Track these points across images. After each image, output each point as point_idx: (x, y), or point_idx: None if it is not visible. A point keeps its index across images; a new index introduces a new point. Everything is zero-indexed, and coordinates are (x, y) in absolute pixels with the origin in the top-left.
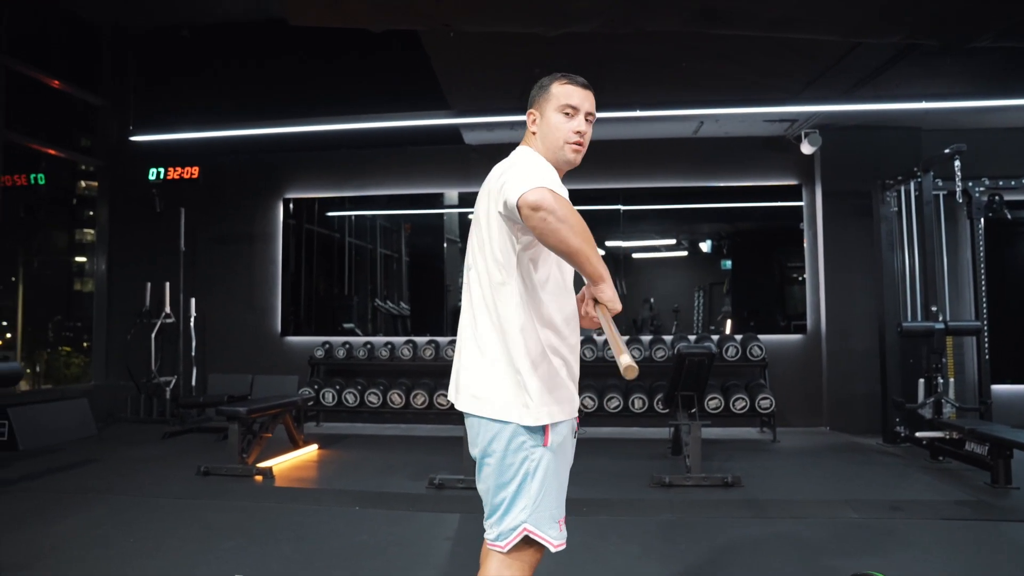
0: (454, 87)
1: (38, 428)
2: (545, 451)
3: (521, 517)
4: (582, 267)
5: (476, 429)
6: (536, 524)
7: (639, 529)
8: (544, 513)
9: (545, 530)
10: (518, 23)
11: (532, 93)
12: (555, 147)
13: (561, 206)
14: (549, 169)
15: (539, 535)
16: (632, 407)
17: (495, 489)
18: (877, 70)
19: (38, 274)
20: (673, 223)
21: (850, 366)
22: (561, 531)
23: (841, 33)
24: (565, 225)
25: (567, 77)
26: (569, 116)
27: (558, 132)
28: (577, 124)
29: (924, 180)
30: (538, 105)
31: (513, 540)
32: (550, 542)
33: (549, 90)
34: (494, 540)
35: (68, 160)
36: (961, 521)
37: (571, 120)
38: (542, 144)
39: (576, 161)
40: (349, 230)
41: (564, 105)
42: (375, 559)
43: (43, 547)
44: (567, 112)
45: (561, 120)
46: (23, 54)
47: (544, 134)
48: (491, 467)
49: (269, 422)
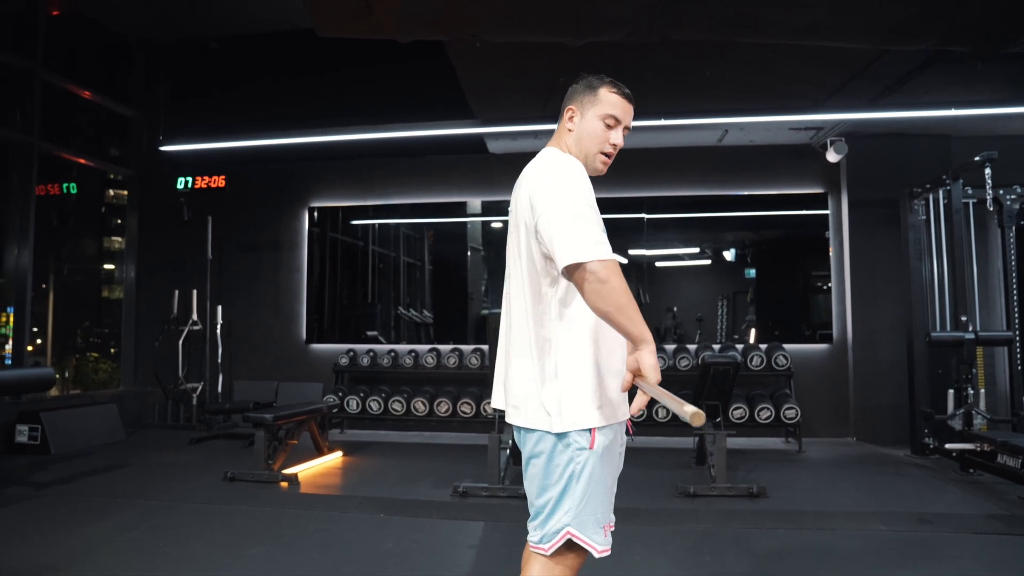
0: (478, 96)
1: (69, 433)
2: (591, 454)
3: (565, 520)
4: (622, 329)
5: (521, 432)
6: (580, 528)
7: (664, 539)
8: (589, 517)
9: (589, 535)
10: (544, 33)
11: (576, 89)
12: (588, 153)
13: (604, 268)
14: (589, 197)
15: (583, 539)
16: (656, 416)
17: (539, 491)
18: (905, 77)
19: (68, 281)
20: (697, 231)
21: (877, 376)
22: (606, 537)
23: (871, 41)
24: (607, 287)
25: (616, 85)
26: (610, 127)
27: (595, 139)
28: (615, 137)
29: (953, 188)
30: (580, 104)
31: (556, 543)
32: (594, 547)
33: (597, 93)
34: (537, 543)
35: (99, 169)
36: (994, 536)
37: (610, 131)
38: (575, 144)
39: (603, 171)
40: (373, 238)
41: (608, 114)
42: (400, 566)
43: (76, 550)
44: (608, 123)
45: (601, 128)
46: (57, 66)
47: (580, 136)
48: (537, 468)
49: (295, 429)
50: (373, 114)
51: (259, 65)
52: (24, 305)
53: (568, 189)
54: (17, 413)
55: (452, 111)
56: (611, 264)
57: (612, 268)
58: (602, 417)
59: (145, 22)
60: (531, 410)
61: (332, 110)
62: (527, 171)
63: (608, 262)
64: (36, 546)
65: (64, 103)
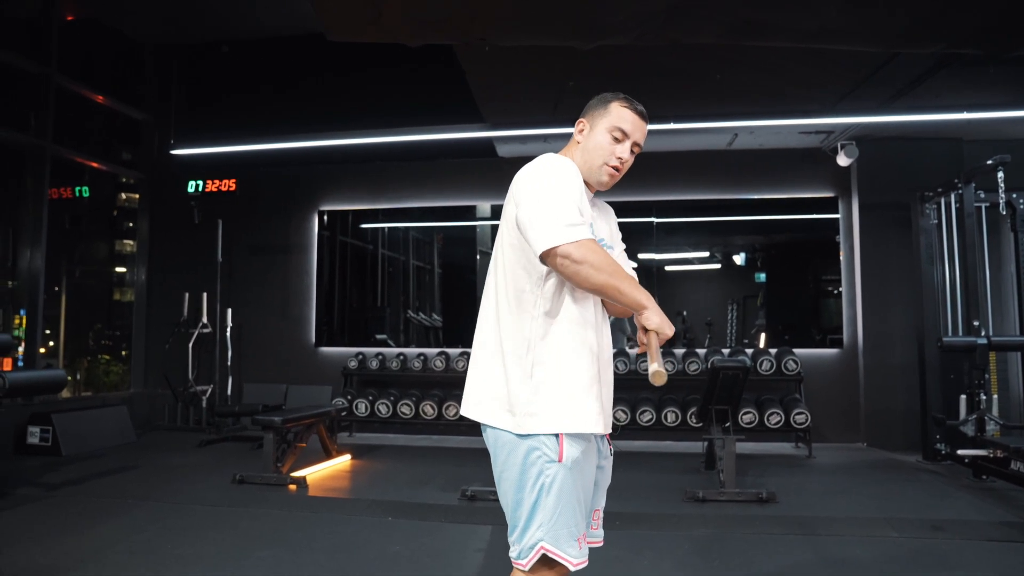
0: (488, 100)
1: (80, 434)
2: (560, 467)
3: (538, 535)
4: (618, 302)
5: (491, 442)
6: (554, 542)
7: (673, 544)
8: (562, 531)
9: (563, 548)
10: (554, 37)
11: (591, 104)
12: (593, 165)
13: (579, 249)
14: (571, 189)
15: (557, 553)
16: (665, 420)
17: (513, 505)
18: (916, 80)
19: (80, 284)
20: (707, 235)
21: (888, 381)
22: (581, 549)
23: (881, 44)
24: (584, 267)
25: (628, 100)
26: (617, 140)
27: (600, 151)
28: (621, 150)
29: (966, 192)
30: (591, 117)
31: (533, 558)
32: (569, 560)
33: (608, 106)
34: (516, 558)
35: (111, 173)
36: (1007, 543)
37: (617, 144)
38: (582, 156)
39: (609, 185)
40: (382, 242)
41: (616, 127)
42: (409, 569)
43: (86, 551)
44: (616, 136)
45: (607, 141)
46: (71, 71)
47: (587, 147)
48: (509, 482)
49: (303, 432)
50: (383, 118)
51: (270, 69)
52: (37, 307)
53: (546, 179)
54: (29, 415)
55: (462, 114)
56: (586, 244)
57: (588, 247)
58: (571, 424)
59: (158, 27)
60: (496, 409)
61: (342, 114)
62: (521, 173)
63: (582, 242)
64: (47, 547)
65: (77, 107)
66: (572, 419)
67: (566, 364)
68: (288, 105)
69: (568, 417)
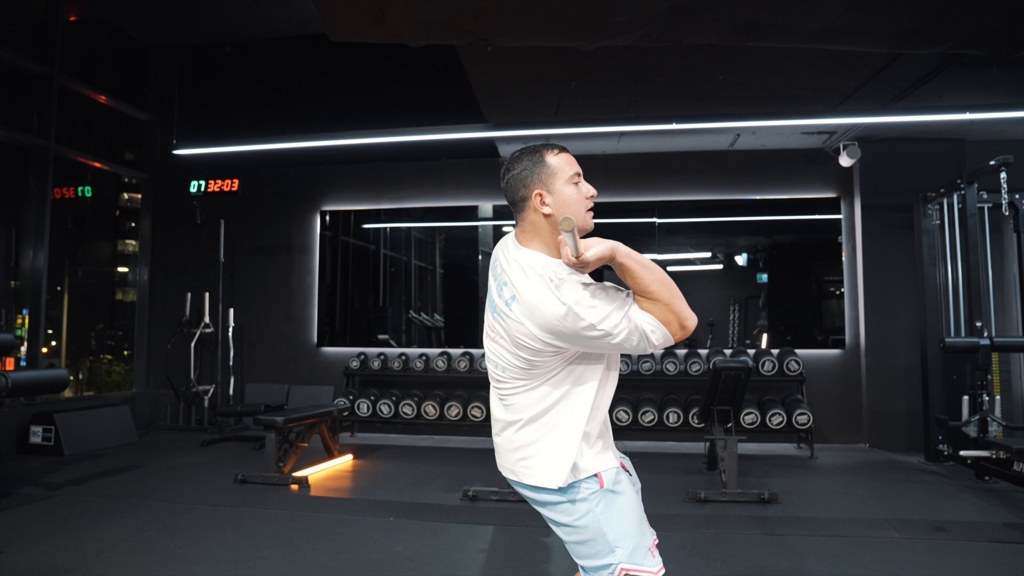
0: (490, 100)
1: (82, 434)
2: (603, 493)
3: (611, 560)
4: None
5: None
6: (631, 560)
7: (675, 544)
8: (631, 548)
9: (640, 562)
10: (557, 37)
11: (519, 174)
12: (578, 220)
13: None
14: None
15: (636, 570)
16: (667, 421)
17: (578, 547)
18: (919, 81)
19: (83, 284)
20: (709, 236)
21: (890, 382)
22: (655, 557)
23: (885, 45)
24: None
25: (554, 146)
26: (577, 183)
27: (577, 204)
28: (587, 190)
29: (968, 192)
30: (541, 183)
31: None
32: (649, 571)
33: (548, 165)
34: None
35: (113, 173)
36: (1010, 544)
37: (580, 187)
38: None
39: (592, 227)
40: (384, 242)
41: (572, 176)
42: (411, 570)
43: (89, 551)
44: (575, 181)
45: (573, 191)
46: (74, 71)
47: (561, 211)
48: (567, 531)
49: (305, 432)
50: (384, 118)
51: (272, 69)
52: (39, 307)
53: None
54: (31, 414)
55: (464, 115)
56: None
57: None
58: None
59: (161, 27)
60: (534, 472)
61: (344, 114)
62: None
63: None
64: (49, 546)
65: (80, 107)
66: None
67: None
68: (290, 105)
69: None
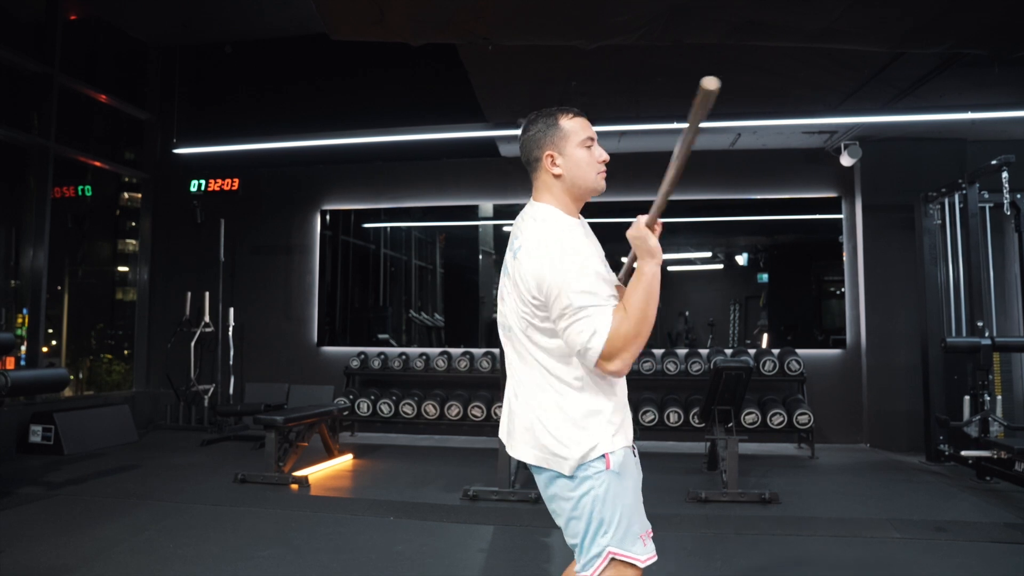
0: (490, 100)
1: (82, 433)
2: (608, 474)
3: (603, 542)
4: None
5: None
6: (620, 545)
7: (675, 544)
8: (624, 533)
9: (630, 548)
10: (558, 36)
11: (533, 135)
12: (588, 179)
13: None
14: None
15: (625, 555)
16: (668, 421)
17: (572, 523)
18: (920, 81)
19: (83, 283)
20: (709, 236)
21: (891, 382)
22: (647, 545)
23: (886, 44)
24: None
25: (569, 111)
26: (589, 147)
27: (588, 166)
28: (599, 153)
29: (970, 192)
30: (553, 145)
31: (600, 566)
32: (637, 559)
33: (561, 128)
34: (581, 570)
35: (114, 173)
36: (1011, 545)
37: (592, 151)
38: (571, 183)
39: (604, 187)
40: (384, 241)
41: (585, 139)
42: (411, 569)
43: (88, 550)
44: (587, 145)
45: (585, 154)
46: (74, 70)
47: (573, 172)
48: (563, 506)
49: (305, 431)
50: (385, 117)
51: (273, 69)
52: (39, 306)
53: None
54: (31, 414)
55: (464, 114)
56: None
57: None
58: (612, 443)
59: (161, 27)
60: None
61: (344, 113)
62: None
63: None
64: (49, 546)
65: (80, 107)
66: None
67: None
68: (291, 105)
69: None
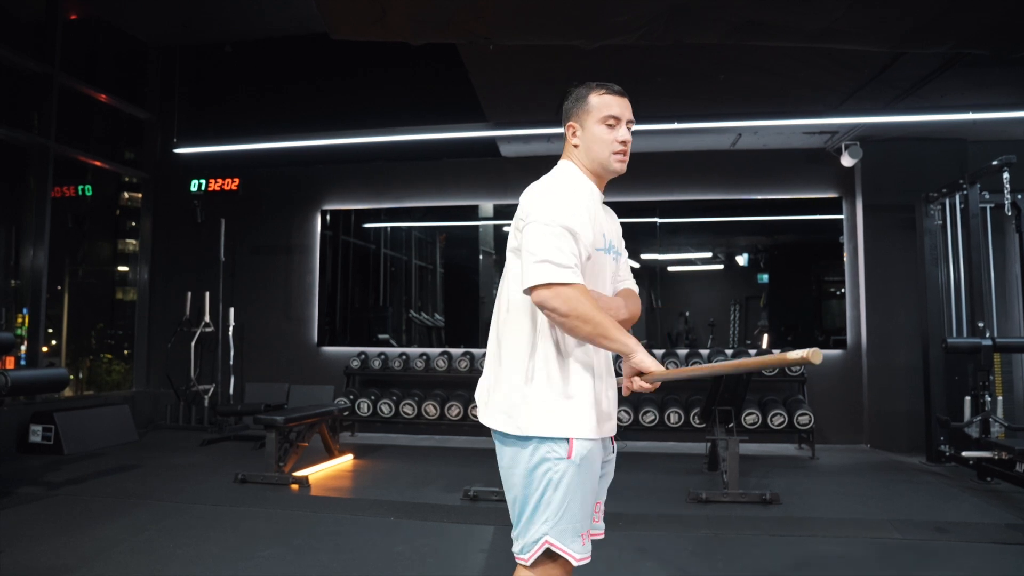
0: (491, 100)
1: (82, 433)
2: (569, 464)
3: (543, 529)
4: (605, 348)
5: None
6: (558, 537)
7: (675, 545)
8: (567, 526)
9: (567, 543)
10: (558, 36)
11: (566, 105)
12: (602, 158)
13: (566, 303)
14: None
15: (561, 548)
16: (668, 421)
17: (521, 501)
18: (921, 81)
19: (83, 283)
20: (710, 236)
21: (892, 382)
22: (584, 545)
23: (887, 44)
24: (570, 320)
25: (603, 86)
26: (612, 127)
27: (603, 144)
28: (621, 134)
29: (971, 192)
30: (577, 117)
31: (535, 553)
32: (572, 555)
33: (587, 101)
34: (519, 553)
35: (114, 172)
36: (1012, 546)
37: (614, 130)
38: (586, 156)
39: (622, 170)
40: (385, 241)
41: (607, 116)
42: (411, 570)
43: (88, 550)
44: (609, 123)
45: (604, 131)
46: (74, 70)
47: (588, 146)
48: (516, 478)
49: (305, 431)
50: (385, 117)
51: (273, 69)
52: (39, 306)
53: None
54: (31, 413)
55: (465, 114)
56: (572, 295)
57: (573, 298)
58: (579, 429)
59: (161, 27)
60: (503, 414)
61: (345, 113)
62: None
63: (569, 295)
64: (49, 546)
65: (80, 106)
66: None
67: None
68: (291, 104)
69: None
